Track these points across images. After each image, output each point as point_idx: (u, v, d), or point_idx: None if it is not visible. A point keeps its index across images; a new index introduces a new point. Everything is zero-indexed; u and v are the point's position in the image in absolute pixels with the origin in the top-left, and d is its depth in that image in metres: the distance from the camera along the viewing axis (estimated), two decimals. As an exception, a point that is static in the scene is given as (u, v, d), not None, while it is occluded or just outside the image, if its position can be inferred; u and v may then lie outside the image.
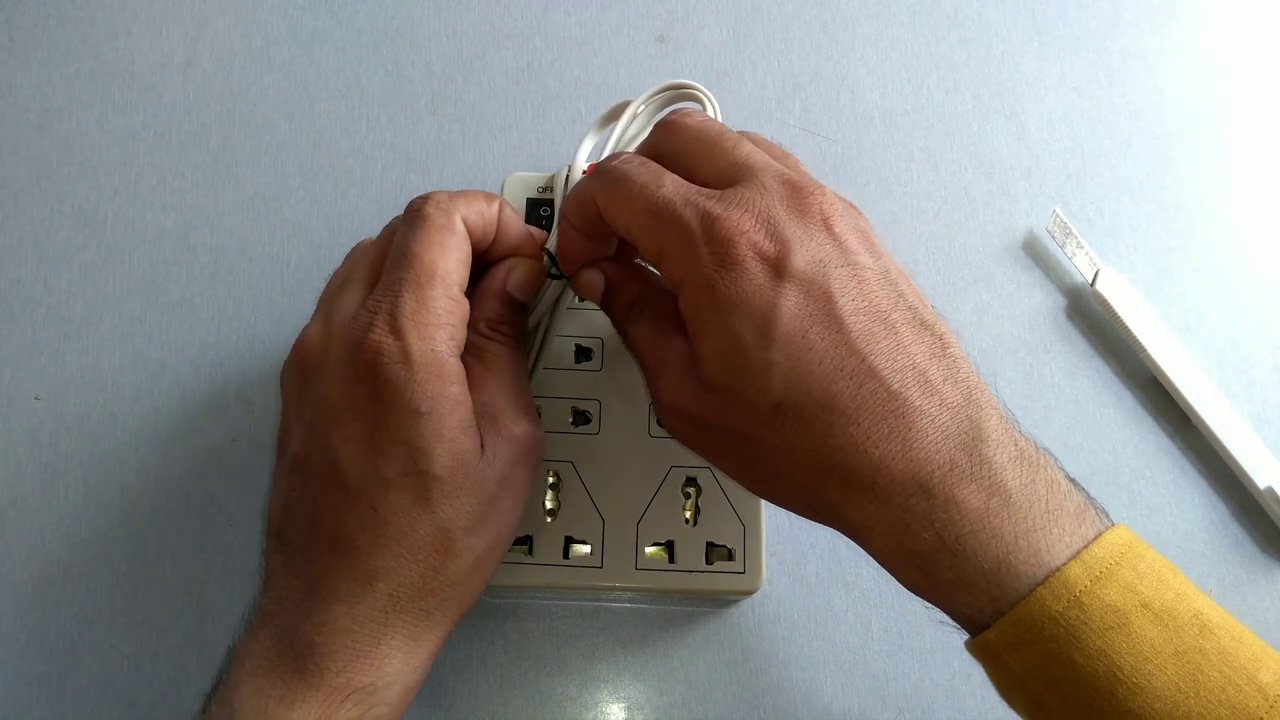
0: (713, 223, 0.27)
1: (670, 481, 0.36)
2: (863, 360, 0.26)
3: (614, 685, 0.39)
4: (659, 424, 0.32)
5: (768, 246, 0.27)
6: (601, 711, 0.38)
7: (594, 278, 0.32)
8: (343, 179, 0.45)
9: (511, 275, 0.32)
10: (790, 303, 0.26)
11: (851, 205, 0.29)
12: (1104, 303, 0.43)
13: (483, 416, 0.30)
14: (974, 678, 0.28)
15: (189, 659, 0.38)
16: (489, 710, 0.38)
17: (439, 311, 0.29)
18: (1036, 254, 0.46)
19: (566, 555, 0.35)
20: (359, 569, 0.28)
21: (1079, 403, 0.43)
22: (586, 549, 0.35)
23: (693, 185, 0.29)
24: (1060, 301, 0.45)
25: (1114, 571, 0.25)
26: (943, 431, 0.26)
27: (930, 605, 0.27)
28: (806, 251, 0.27)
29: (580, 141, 0.36)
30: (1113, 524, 0.26)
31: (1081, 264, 0.44)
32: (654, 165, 0.29)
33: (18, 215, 0.44)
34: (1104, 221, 0.46)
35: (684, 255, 0.27)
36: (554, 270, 0.33)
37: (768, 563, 0.36)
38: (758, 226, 0.27)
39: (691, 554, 0.35)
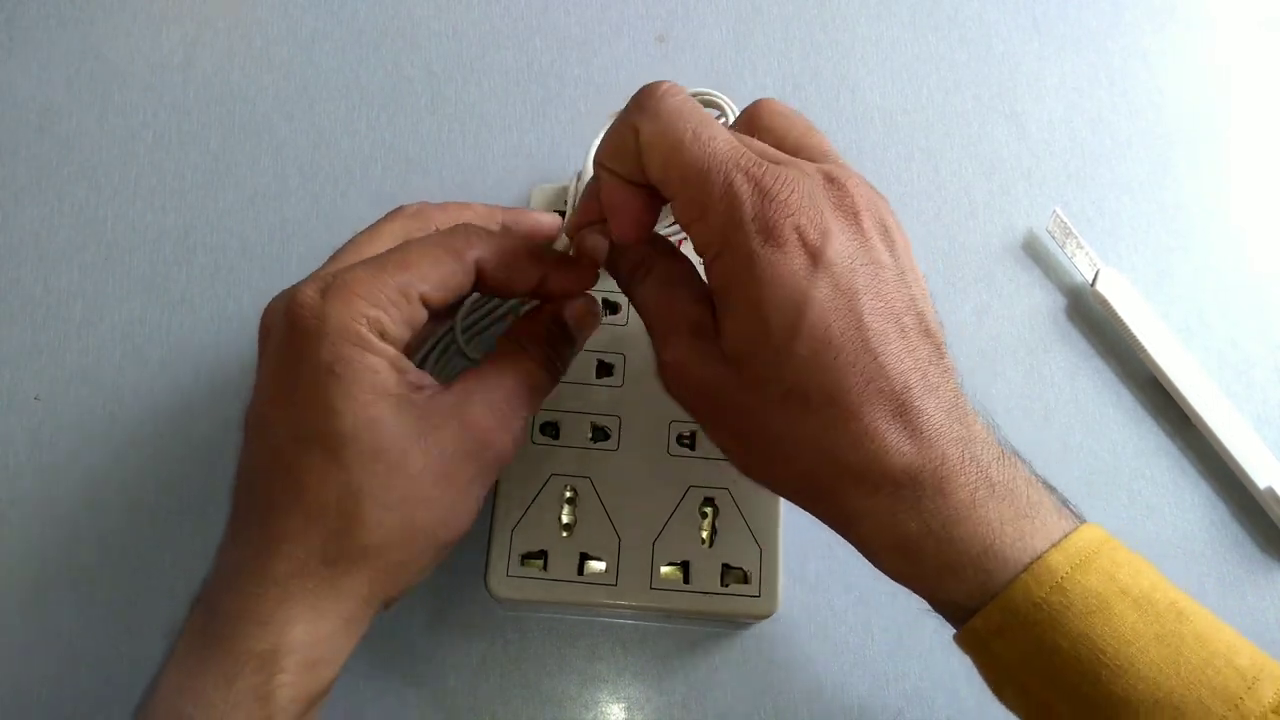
0: (765, 198, 0.27)
1: (688, 501, 0.36)
2: (875, 359, 0.26)
3: (614, 685, 0.39)
4: (667, 389, 0.31)
5: (810, 233, 0.27)
6: (601, 711, 0.38)
7: (598, 241, 0.32)
8: (343, 179, 0.45)
9: (570, 307, 0.33)
10: (821, 294, 0.27)
11: (876, 192, 0.29)
12: (1104, 303, 0.43)
13: (455, 402, 0.29)
14: (974, 678, 0.28)
15: (189, 659, 0.38)
16: (489, 710, 0.38)
17: (378, 295, 0.28)
18: (1036, 254, 0.46)
19: (581, 571, 0.35)
20: (270, 530, 0.28)
21: (1079, 403, 0.43)
22: (601, 566, 0.35)
23: (742, 147, 0.28)
24: (1060, 301, 0.45)
25: (1092, 560, 0.26)
26: (937, 430, 0.27)
27: (917, 595, 0.28)
28: (840, 244, 0.27)
29: (590, 145, 0.36)
30: (1086, 522, 0.27)
31: (1081, 264, 0.44)
32: (701, 107, 0.28)
33: (18, 215, 0.44)
34: (1104, 221, 0.46)
35: (728, 224, 0.27)
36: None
37: (784, 585, 0.36)
38: (804, 210, 0.27)
39: (707, 575, 0.35)
